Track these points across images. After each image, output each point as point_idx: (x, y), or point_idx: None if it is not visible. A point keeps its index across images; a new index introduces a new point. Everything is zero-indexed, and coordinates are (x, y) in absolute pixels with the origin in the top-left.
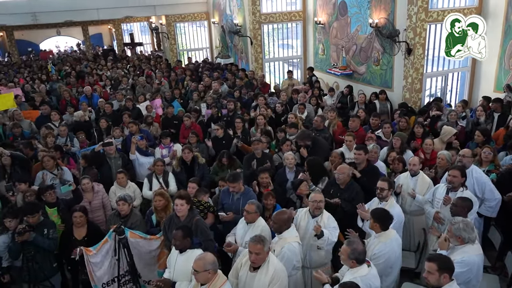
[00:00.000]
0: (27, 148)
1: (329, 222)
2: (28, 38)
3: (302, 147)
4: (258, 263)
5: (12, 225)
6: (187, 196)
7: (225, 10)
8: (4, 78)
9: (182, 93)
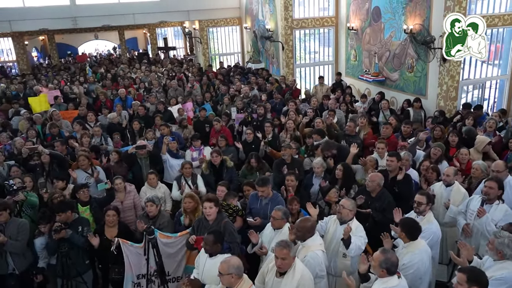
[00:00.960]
0: (63, 146)
1: (357, 231)
2: (67, 41)
3: (329, 158)
4: (284, 268)
5: (46, 230)
6: (215, 199)
7: (258, 16)
8: (45, 79)
9: (213, 97)
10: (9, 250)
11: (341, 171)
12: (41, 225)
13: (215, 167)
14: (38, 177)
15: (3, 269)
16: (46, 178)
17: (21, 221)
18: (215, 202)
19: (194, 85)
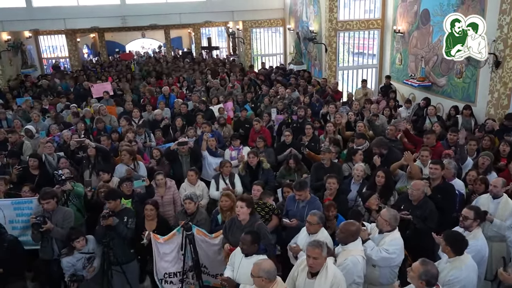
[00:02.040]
0: (108, 140)
1: (389, 243)
2: (116, 39)
3: (377, 155)
4: (316, 267)
5: (79, 245)
6: (248, 200)
7: (301, 17)
8: (94, 76)
9: (253, 97)
10: (54, 237)
11: (383, 178)
12: (76, 241)
13: (252, 168)
14: (84, 169)
15: (48, 255)
16: (91, 171)
17: (67, 209)
18: (247, 203)
19: (235, 85)
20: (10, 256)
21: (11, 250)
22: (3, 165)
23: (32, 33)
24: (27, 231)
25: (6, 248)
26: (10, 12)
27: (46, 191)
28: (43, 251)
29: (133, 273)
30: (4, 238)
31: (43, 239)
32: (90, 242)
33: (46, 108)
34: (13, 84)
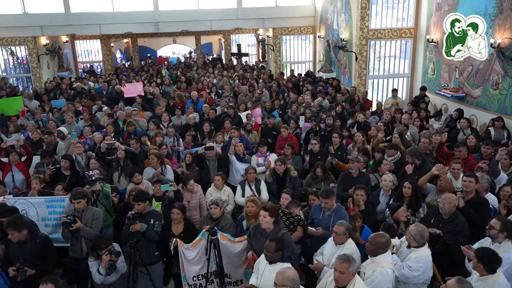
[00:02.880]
0: (137, 144)
1: (414, 260)
2: (148, 44)
3: (410, 163)
4: (341, 282)
5: (106, 259)
6: (271, 209)
7: (332, 25)
8: (125, 80)
9: (281, 104)
10: (83, 236)
11: (410, 189)
12: (103, 251)
13: (279, 176)
14: (113, 171)
15: (77, 253)
16: (120, 173)
17: (96, 210)
18: (270, 212)
19: (264, 91)
20: (42, 253)
21: (43, 247)
22: (38, 164)
23: (69, 37)
24: (58, 229)
25: (38, 245)
26: (49, 17)
27: (77, 191)
28: (73, 249)
29: (158, 275)
30: (37, 235)
31: (73, 238)
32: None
33: (80, 110)
34: (49, 86)
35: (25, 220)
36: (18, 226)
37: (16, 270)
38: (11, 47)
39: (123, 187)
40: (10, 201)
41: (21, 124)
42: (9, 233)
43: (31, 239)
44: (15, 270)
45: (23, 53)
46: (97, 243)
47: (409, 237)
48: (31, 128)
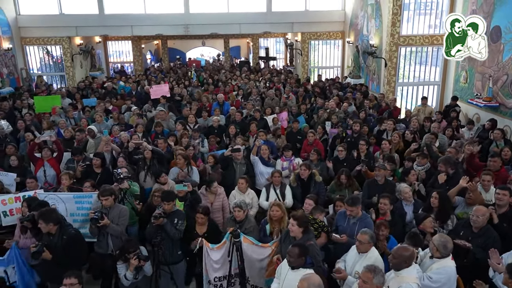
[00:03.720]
0: (164, 144)
1: (435, 271)
2: (177, 46)
3: (443, 173)
4: None
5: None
6: (300, 219)
7: (362, 30)
8: (154, 80)
9: (307, 109)
10: (110, 233)
11: (437, 199)
12: (131, 255)
13: (303, 181)
14: (140, 170)
15: (103, 249)
16: (146, 172)
17: (123, 207)
18: (298, 222)
19: (290, 95)
20: (65, 249)
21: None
22: (68, 161)
23: (102, 38)
24: (86, 224)
25: (64, 240)
26: (84, 18)
27: (105, 188)
28: (99, 245)
29: (180, 274)
30: (65, 231)
31: (100, 234)
32: (142, 252)
33: (110, 109)
34: (81, 85)
35: (55, 215)
36: (47, 218)
37: (35, 247)
38: (47, 46)
39: (148, 186)
40: (41, 195)
41: (53, 121)
42: (39, 223)
43: (59, 233)
44: (34, 247)
45: (58, 52)
46: (126, 246)
47: (432, 247)
48: (62, 125)
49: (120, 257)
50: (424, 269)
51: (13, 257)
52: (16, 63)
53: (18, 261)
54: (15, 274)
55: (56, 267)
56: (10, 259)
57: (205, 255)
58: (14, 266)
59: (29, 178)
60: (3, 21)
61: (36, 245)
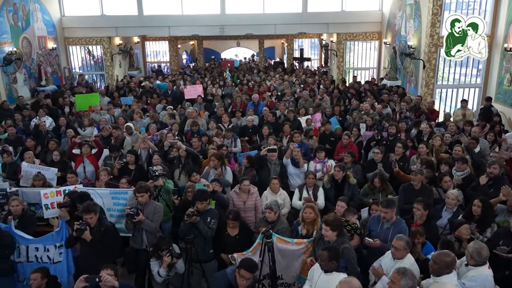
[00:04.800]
0: (199, 142)
1: (470, 278)
2: (212, 47)
3: (486, 175)
4: None
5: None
6: (332, 224)
7: (400, 31)
8: (189, 80)
9: (342, 111)
10: (144, 228)
11: (480, 208)
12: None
13: (337, 182)
14: (175, 168)
15: (138, 244)
16: (181, 170)
17: (158, 204)
18: (331, 227)
19: (324, 97)
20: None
21: (104, 235)
22: (106, 157)
23: (140, 38)
24: (121, 220)
25: (101, 232)
26: (123, 19)
27: (141, 185)
28: (134, 240)
29: (211, 272)
30: (103, 223)
31: (135, 229)
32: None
33: (146, 108)
34: (120, 84)
35: (97, 207)
36: (90, 209)
37: (79, 224)
38: (89, 46)
39: (182, 184)
40: (80, 190)
41: (93, 118)
42: (87, 217)
43: (98, 225)
44: (78, 225)
45: (98, 52)
46: (159, 244)
47: (466, 254)
48: (103, 122)
49: (154, 254)
50: (460, 277)
51: (63, 235)
52: (60, 62)
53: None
54: (59, 254)
55: (93, 259)
56: (58, 237)
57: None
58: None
59: (70, 173)
60: (49, 22)
61: (80, 223)
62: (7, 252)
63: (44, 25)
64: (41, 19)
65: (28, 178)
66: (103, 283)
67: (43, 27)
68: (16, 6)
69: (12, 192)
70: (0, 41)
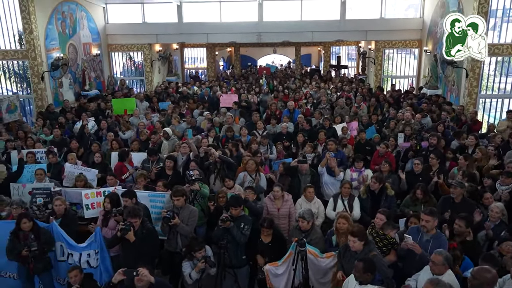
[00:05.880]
0: (233, 148)
1: None
2: (249, 54)
3: None
4: None
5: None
6: (359, 234)
7: (442, 39)
8: (226, 87)
9: (379, 120)
10: (180, 232)
11: None
12: (198, 252)
13: (373, 193)
14: (210, 173)
15: (172, 247)
16: (216, 176)
17: (193, 208)
18: (359, 237)
19: (361, 105)
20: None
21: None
22: (144, 161)
23: (179, 45)
24: (158, 222)
25: (144, 234)
26: (164, 27)
27: (178, 188)
28: (168, 243)
29: (243, 278)
30: (144, 226)
31: (170, 232)
32: (208, 252)
33: (183, 113)
34: (158, 89)
35: (141, 212)
36: (135, 214)
37: (124, 225)
38: (130, 53)
39: (217, 189)
40: (119, 192)
41: (128, 121)
42: (132, 220)
43: (141, 228)
44: (123, 225)
45: (139, 58)
46: (191, 244)
47: None
48: (141, 126)
49: (186, 255)
50: None
51: (98, 241)
52: (103, 68)
53: (102, 245)
54: (96, 260)
55: (132, 259)
56: (94, 244)
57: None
58: (97, 251)
59: (109, 175)
60: (94, 30)
61: (125, 224)
62: (46, 249)
63: (89, 32)
64: (87, 27)
65: (71, 179)
66: (140, 277)
67: (88, 34)
68: (65, 14)
69: (55, 191)
70: (49, 48)
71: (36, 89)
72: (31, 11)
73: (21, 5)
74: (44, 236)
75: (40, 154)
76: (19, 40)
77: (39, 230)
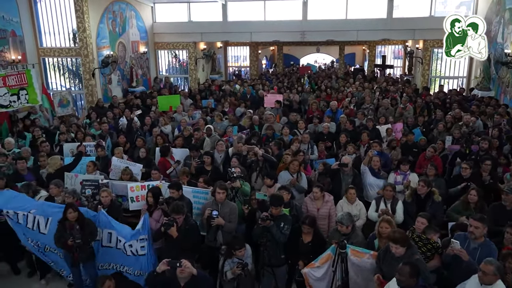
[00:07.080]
0: (275, 147)
1: None
2: (292, 52)
3: None
4: None
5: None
6: (401, 240)
7: (496, 38)
8: (268, 85)
9: (425, 121)
10: (224, 230)
11: None
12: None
13: (419, 197)
14: (252, 171)
15: (212, 243)
16: (258, 173)
17: (233, 205)
18: (401, 243)
19: (407, 106)
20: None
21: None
22: (187, 157)
23: (223, 43)
24: (198, 218)
25: (188, 229)
26: (208, 25)
27: (221, 183)
28: (209, 239)
29: (282, 277)
30: (187, 222)
31: (210, 228)
32: (247, 251)
33: (226, 110)
34: (202, 87)
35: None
36: (179, 210)
37: (167, 220)
38: (175, 51)
39: (258, 187)
40: (164, 186)
41: (171, 117)
42: (175, 216)
43: (184, 223)
44: (167, 220)
45: (183, 56)
46: (232, 243)
47: None
48: (183, 123)
49: (227, 254)
50: None
51: (146, 228)
52: (149, 65)
53: (149, 232)
54: (141, 248)
55: (175, 253)
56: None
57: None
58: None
59: (154, 170)
60: (142, 28)
61: (169, 219)
62: (89, 239)
63: (137, 30)
64: (135, 25)
65: (117, 172)
66: (183, 269)
67: (137, 33)
68: (115, 14)
69: (103, 183)
70: (100, 46)
71: (87, 85)
72: (84, 11)
73: (76, 4)
74: (88, 227)
75: (89, 148)
76: (73, 38)
77: (84, 220)
